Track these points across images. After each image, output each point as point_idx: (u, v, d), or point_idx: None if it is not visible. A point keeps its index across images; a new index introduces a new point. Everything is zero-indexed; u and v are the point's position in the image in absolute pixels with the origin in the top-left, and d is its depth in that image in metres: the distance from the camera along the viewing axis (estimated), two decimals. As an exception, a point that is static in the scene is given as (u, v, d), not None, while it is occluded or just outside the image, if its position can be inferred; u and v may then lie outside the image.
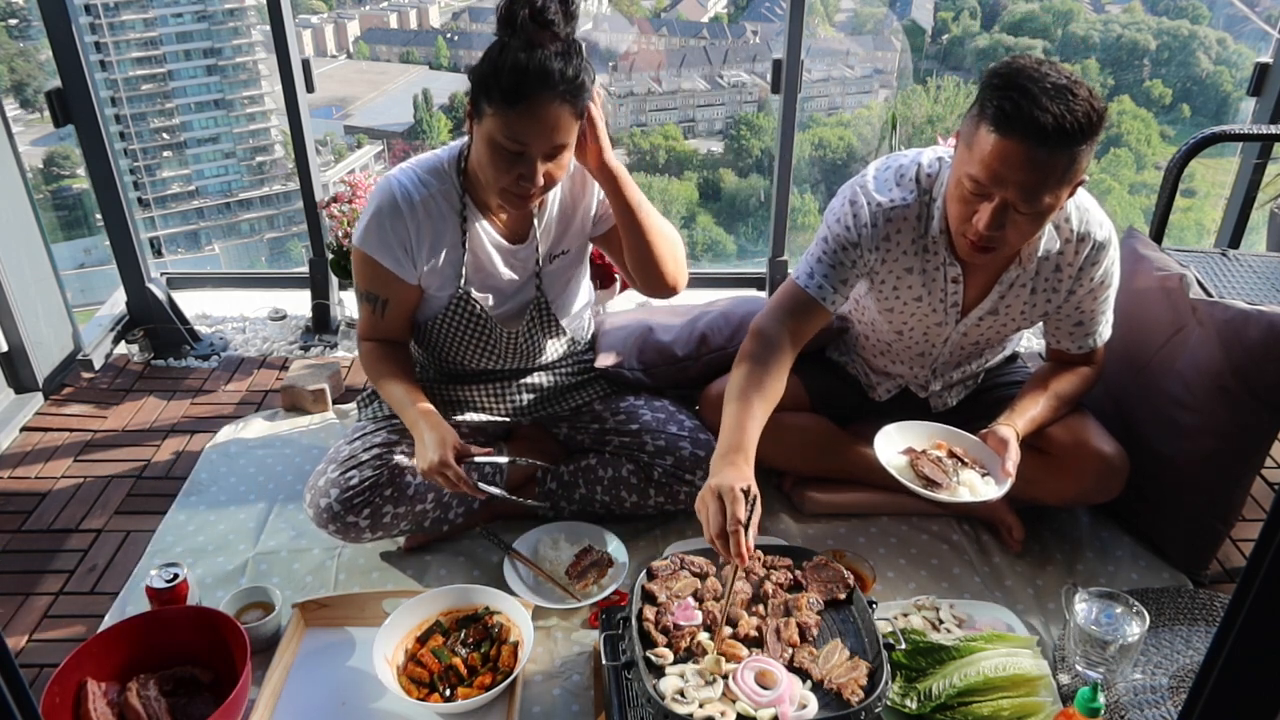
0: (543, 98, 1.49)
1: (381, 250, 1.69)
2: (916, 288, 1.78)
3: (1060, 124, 1.41)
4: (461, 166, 1.72)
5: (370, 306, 1.77)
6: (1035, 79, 1.44)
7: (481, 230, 1.74)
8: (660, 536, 1.95)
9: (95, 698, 1.46)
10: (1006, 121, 1.44)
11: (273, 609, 1.69)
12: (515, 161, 1.54)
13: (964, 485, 1.64)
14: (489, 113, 1.52)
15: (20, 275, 2.40)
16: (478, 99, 1.54)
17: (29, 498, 2.12)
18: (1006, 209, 1.51)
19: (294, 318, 2.88)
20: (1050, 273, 1.74)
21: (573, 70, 1.51)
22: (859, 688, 1.32)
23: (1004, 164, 1.46)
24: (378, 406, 1.91)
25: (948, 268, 1.73)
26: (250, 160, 9.15)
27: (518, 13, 1.49)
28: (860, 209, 1.72)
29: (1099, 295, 1.77)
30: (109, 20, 7.94)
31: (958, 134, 1.58)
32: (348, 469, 1.76)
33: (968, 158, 1.52)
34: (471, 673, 1.55)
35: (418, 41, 12.47)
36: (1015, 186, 1.47)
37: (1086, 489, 1.82)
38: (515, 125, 1.51)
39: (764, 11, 11.36)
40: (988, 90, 1.48)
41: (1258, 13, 6.11)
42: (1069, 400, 1.82)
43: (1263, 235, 2.90)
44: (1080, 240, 1.70)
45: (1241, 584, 0.58)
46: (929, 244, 1.73)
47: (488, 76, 1.51)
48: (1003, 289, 1.76)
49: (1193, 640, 1.71)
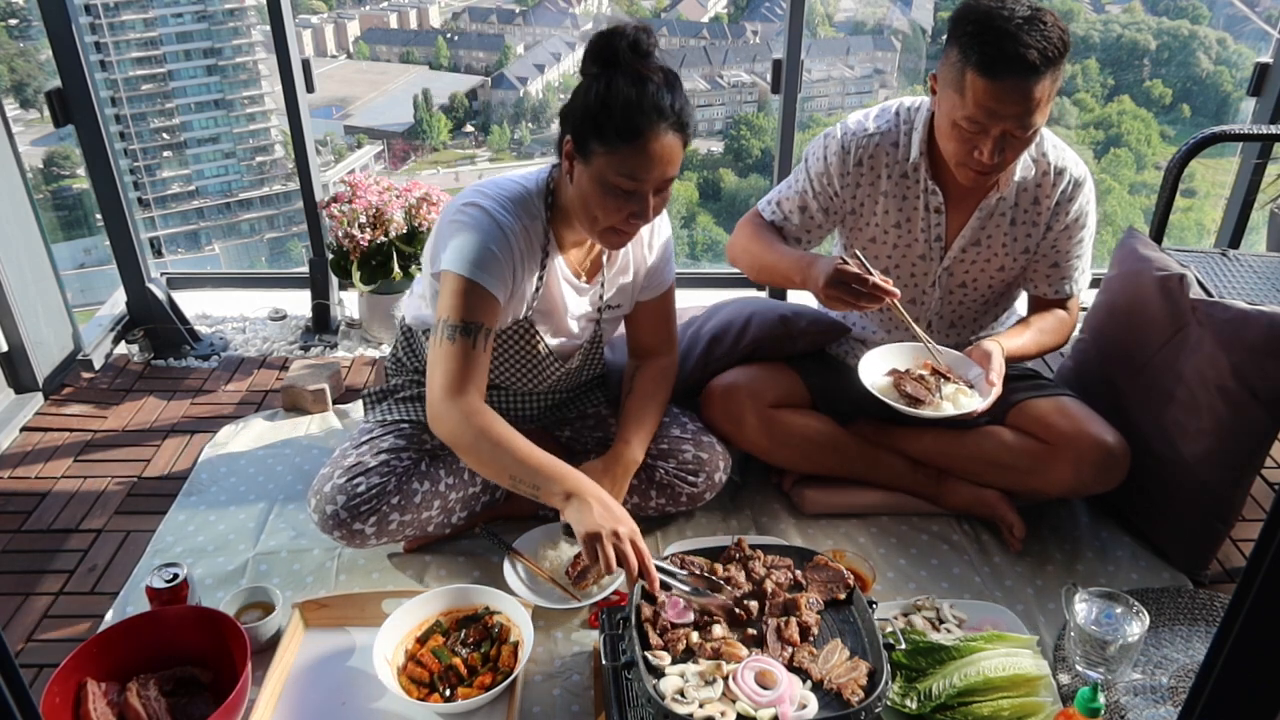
0: (657, 131, 1.48)
1: (495, 281, 1.58)
2: (894, 213, 1.87)
3: (1044, 54, 1.55)
4: (548, 201, 1.67)
5: (467, 341, 1.56)
6: (1005, 17, 1.56)
7: (558, 266, 1.72)
8: (660, 537, 1.95)
9: (95, 698, 1.46)
10: (994, 65, 1.56)
11: (273, 609, 1.69)
12: (628, 199, 1.52)
13: (947, 400, 1.71)
14: (600, 152, 1.49)
15: (20, 275, 2.40)
16: (584, 139, 1.51)
17: (29, 498, 2.12)
18: (1005, 136, 1.62)
19: (294, 318, 2.88)
20: (1029, 204, 1.83)
21: (679, 100, 1.51)
22: (859, 688, 1.32)
23: (1000, 102, 1.58)
24: (386, 409, 1.89)
25: (929, 196, 1.82)
26: (250, 160, 9.15)
27: (617, 46, 1.48)
28: (832, 139, 1.87)
29: (1074, 235, 1.86)
30: (109, 20, 7.94)
31: (934, 77, 1.69)
32: (354, 475, 1.73)
33: (959, 103, 1.62)
34: (471, 673, 1.55)
35: (418, 41, 12.48)
36: (1013, 119, 1.59)
37: (1087, 478, 1.83)
38: (631, 162, 1.48)
39: (764, 11, 11.36)
40: (965, 38, 1.59)
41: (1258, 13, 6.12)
42: (1050, 334, 1.91)
43: (1263, 235, 2.90)
44: (1058, 173, 1.80)
45: (1241, 584, 0.58)
46: (907, 170, 1.82)
47: (597, 116, 1.48)
48: (983, 217, 1.83)
49: (1193, 640, 1.71)
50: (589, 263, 1.78)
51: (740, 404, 1.95)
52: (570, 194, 1.59)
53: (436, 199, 2.63)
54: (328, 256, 2.68)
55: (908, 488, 2.02)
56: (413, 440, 1.82)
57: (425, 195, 2.63)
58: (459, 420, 1.54)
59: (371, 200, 2.55)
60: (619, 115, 1.46)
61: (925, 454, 2.00)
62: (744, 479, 2.10)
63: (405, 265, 2.61)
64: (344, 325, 2.81)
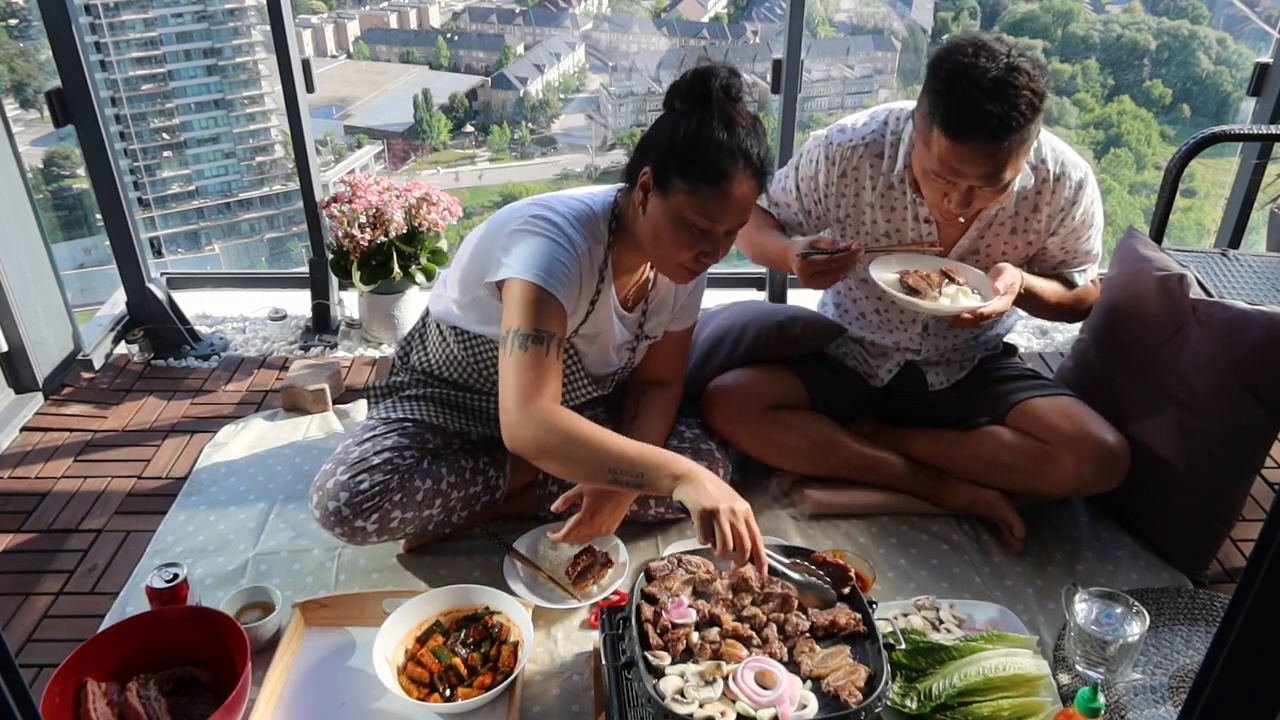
0: (741, 177, 1.50)
1: (565, 293, 1.56)
2: (882, 223, 1.86)
3: (1006, 122, 1.51)
4: (612, 225, 1.66)
5: (540, 349, 1.52)
6: (974, 78, 1.52)
7: (609, 290, 1.72)
8: (660, 537, 1.95)
9: (95, 698, 1.46)
10: (955, 129, 1.54)
11: (273, 609, 1.69)
12: (701, 238, 1.53)
13: (946, 296, 1.72)
14: (681, 189, 1.50)
15: (20, 275, 2.40)
16: (666, 174, 1.51)
17: (29, 498, 2.12)
18: (972, 190, 1.62)
19: (294, 318, 2.89)
20: (1029, 212, 1.81)
21: (763, 148, 1.52)
22: (856, 689, 1.32)
23: (961, 162, 1.57)
24: (390, 406, 1.88)
25: (917, 207, 1.81)
26: (250, 160, 9.16)
27: (711, 89, 1.49)
28: (820, 146, 1.87)
29: (1082, 235, 1.86)
30: (109, 20, 7.95)
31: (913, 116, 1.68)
32: (358, 473, 1.72)
33: (925, 154, 1.62)
34: (471, 673, 1.55)
35: (418, 41, 12.49)
36: (976, 177, 1.58)
37: (1088, 478, 1.83)
38: (711, 203, 1.50)
39: (764, 11, 11.37)
40: (934, 95, 1.57)
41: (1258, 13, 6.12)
42: (1070, 297, 1.90)
43: (1263, 235, 2.90)
44: (1057, 181, 1.78)
45: (1241, 584, 0.58)
46: (893, 181, 1.81)
47: (684, 153, 1.49)
48: (981, 227, 1.82)
49: (1193, 640, 1.71)
50: (634, 290, 1.78)
51: (739, 406, 1.95)
52: (641, 224, 1.59)
53: (436, 199, 2.63)
54: (328, 256, 2.68)
55: (908, 488, 2.02)
56: (416, 439, 1.82)
57: (425, 195, 2.63)
58: (539, 426, 1.48)
59: (371, 200, 2.55)
60: (708, 157, 1.48)
61: (925, 454, 2.00)
62: (744, 479, 2.10)
63: (405, 265, 2.61)
64: (344, 325, 2.81)
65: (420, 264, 2.64)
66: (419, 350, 1.91)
